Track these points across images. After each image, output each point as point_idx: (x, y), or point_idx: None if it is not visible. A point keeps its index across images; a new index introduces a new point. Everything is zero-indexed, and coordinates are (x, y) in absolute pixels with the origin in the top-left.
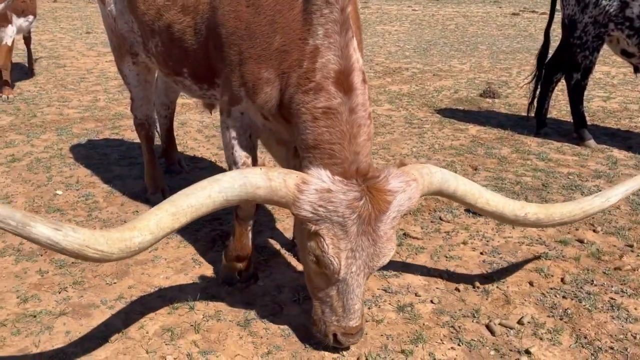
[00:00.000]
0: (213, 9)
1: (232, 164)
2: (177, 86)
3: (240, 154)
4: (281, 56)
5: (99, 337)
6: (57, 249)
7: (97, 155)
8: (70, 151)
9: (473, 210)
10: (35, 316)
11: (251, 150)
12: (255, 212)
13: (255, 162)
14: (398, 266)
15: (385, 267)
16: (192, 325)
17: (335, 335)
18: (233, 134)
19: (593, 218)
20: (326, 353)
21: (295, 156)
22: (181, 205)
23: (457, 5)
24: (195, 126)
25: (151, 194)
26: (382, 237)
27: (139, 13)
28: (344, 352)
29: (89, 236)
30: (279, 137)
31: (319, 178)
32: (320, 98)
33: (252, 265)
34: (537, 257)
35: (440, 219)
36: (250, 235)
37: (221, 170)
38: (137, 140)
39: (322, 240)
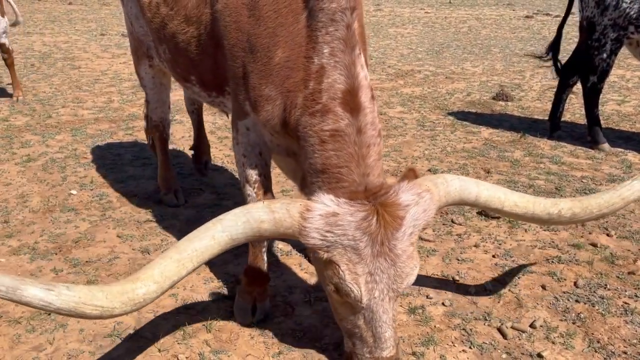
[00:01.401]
0: (215, 20)
1: (245, 182)
2: (188, 92)
3: (251, 172)
4: (284, 72)
5: (112, 335)
6: (52, 309)
7: (110, 156)
8: (84, 152)
9: (501, 215)
10: (49, 314)
11: (263, 168)
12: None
13: (268, 180)
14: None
15: None
16: (204, 325)
17: None
18: (242, 150)
19: (607, 222)
20: (337, 354)
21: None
22: (185, 250)
23: (469, 8)
24: (208, 128)
25: (164, 195)
26: (400, 255)
27: (147, 20)
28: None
29: (85, 293)
30: (289, 149)
31: (323, 202)
32: (328, 120)
33: (268, 299)
34: (550, 261)
35: (452, 221)
36: (265, 258)
37: (233, 170)
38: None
39: (337, 267)
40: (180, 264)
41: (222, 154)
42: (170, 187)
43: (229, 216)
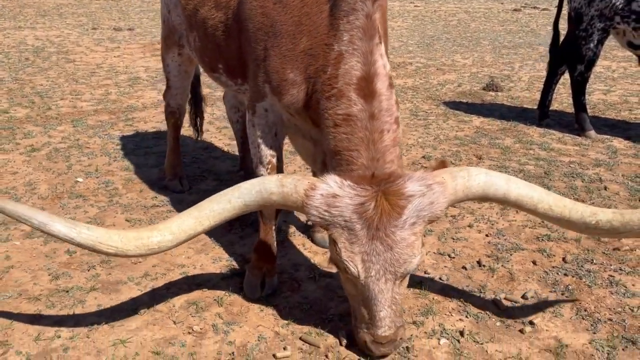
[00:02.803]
0: (241, 4)
1: (258, 163)
2: (217, 82)
3: (266, 153)
4: (307, 59)
5: (128, 309)
6: (75, 243)
7: (113, 145)
8: (87, 142)
9: (532, 215)
10: (67, 291)
11: (277, 150)
12: (277, 215)
13: (280, 161)
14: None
15: None
16: (215, 300)
17: (365, 342)
18: (258, 132)
19: (593, 202)
20: (342, 324)
21: (321, 152)
22: (204, 209)
23: (459, 2)
24: (207, 118)
25: (169, 181)
26: (399, 242)
27: (182, 7)
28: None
29: (102, 234)
30: (306, 132)
31: (327, 183)
32: (341, 105)
33: (276, 275)
34: (540, 239)
35: None
36: (274, 236)
37: (234, 158)
38: (151, 131)
39: (335, 243)
40: (198, 220)
41: (221, 143)
42: (176, 173)
43: (246, 185)
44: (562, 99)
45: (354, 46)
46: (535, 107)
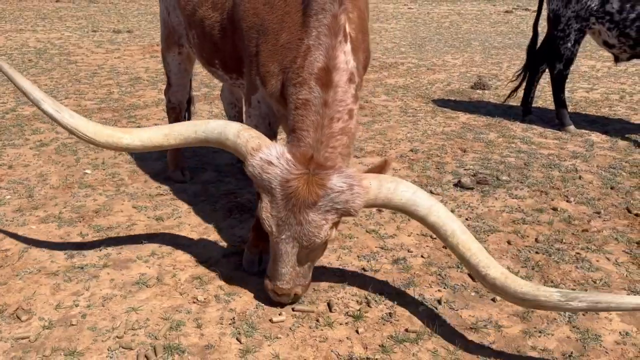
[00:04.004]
0: (236, 5)
1: None
2: (214, 76)
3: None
4: (285, 52)
5: (138, 283)
6: (59, 124)
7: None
8: None
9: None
10: (82, 268)
11: (271, 138)
12: None
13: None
14: (393, 229)
15: (382, 230)
16: (217, 274)
17: (267, 288)
18: (254, 122)
19: (567, 190)
20: (332, 294)
21: None
22: (173, 130)
23: (451, 4)
24: (205, 115)
25: (172, 172)
26: (309, 222)
27: (181, 8)
28: (348, 290)
29: (81, 124)
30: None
31: (269, 150)
32: (303, 91)
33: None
34: (515, 222)
35: (431, 192)
36: None
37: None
38: (153, 125)
39: (261, 200)
40: (165, 137)
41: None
42: (177, 165)
43: (213, 123)
44: (546, 97)
45: (320, 41)
46: (520, 104)
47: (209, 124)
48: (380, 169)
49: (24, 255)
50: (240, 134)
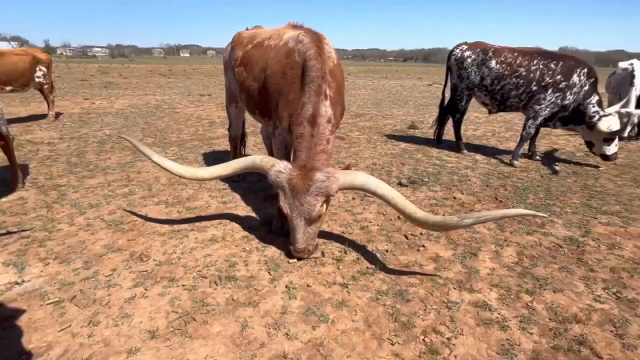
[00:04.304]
0: (266, 78)
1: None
2: (255, 120)
3: (280, 153)
4: (291, 105)
5: (211, 240)
6: (162, 168)
7: (200, 158)
8: (186, 156)
9: (388, 205)
10: (179, 231)
11: (287, 156)
12: None
13: (288, 160)
14: (361, 209)
15: (354, 210)
16: (256, 235)
17: (290, 250)
18: (277, 145)
19: (462, 185)
20: (324, 247)
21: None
22: (228, 165)
23: (397, 80)
24: (251, 142)
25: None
26: (307, 202)
27: (236, 80)
28: (334, 244)
29: (175, 165)
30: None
31: (280, 165)
32: (300, 127)
33: None
34: (432, 205)
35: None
36: None
37: None
38: (221, 149)
39: (279, 196)
40: (224, 169)
41: (256, 147)
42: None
43: (248, 158)
44: (451, 135)
45: (310, 100)
46: (435, 137)
47: (246, 159)
48: (346, 168)
49: (145, 223)
50: (262, 160)
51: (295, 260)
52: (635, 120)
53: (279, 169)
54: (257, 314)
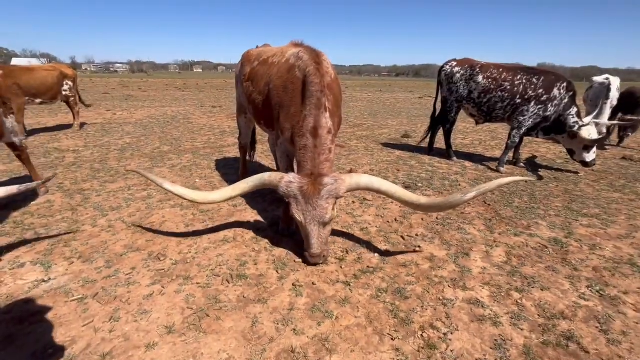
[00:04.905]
0: (269, 92)
1: (282, 169)
2: (262, 130)
3: (283, 165)
4: (293, 117)
5: (223, 240)
6: (173, 194)
7: (213, 165)
8: (200, 163)
9: (391, 199)
10: (193, 232)
11: (288, 163)
12: None
13: (292, 168)
14: (361, 212)
15: (355, 212)
16: (265, 236)
17: (306, 256)
18: (280, 154)
19: (452, 190)
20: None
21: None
22: (237, 186)
23: (391, 93)
24: (259, 150)
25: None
26: (319, 206)
27: (245, 94)
28: (337, 245)
29: (187, 191)
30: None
31: (289, 176)
32: (303, 139)
33: (295, 225)
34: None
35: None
36: None
37: (272, 168)
38: (232, 157)
39: (290, 205)
40: (233, 190)
41: (267, 162)
42: (244, 177)
43: (257, 176)
44: (442, 143)
45: (311, 113)
46: (427, 145)
47: (254, 178)
48: (350, 172)
49: (162, 224)
50: (270, 176)
51: (300, 259)
52: (604, 130)
53: (289, 179)
54: (267, 311)
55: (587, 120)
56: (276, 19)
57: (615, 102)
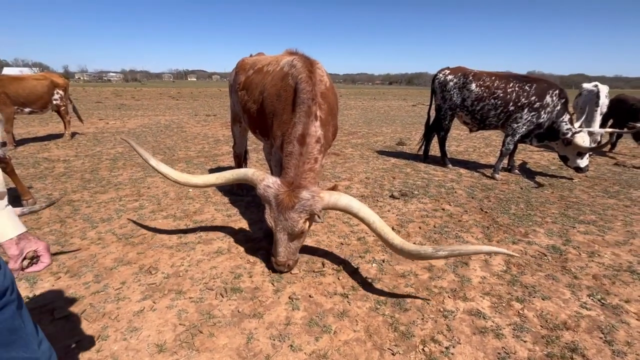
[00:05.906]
0: (263, 100)
1: (274, 173)
2: (257, 138)
3: (277, 170)
4: (284, 125)
5: (217, 252)
6: (158, 172)
7: (206, 173)
8: (193, 172)
9: (368, 228)
10: (186, 244)
11: (280, 169)
12: None
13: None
14: (356, 221)
15: (351, 222)
16: (260, 247)
17: (272, 262)
18: (273, 162)
19: (450, 197)
20: (324, 258)
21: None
22: (221, 175)
23: (385, 101)
24: (255, 159)
25: (236, 190)
26: (291, 219)
27: (239, 102)
28: (333, 255)
29: (170, 171)
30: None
31: (269, 180)
32: (290, 146)
33: None
34: (423, 217)
35: (377, 200)
36: None
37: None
38: (226, 165)
39: (265, 209)
40: (216, 178)
41: (259, 163)
42: (240, 186)
43: (240, 170)
44: (436, 150)
45: (301, 120)
46: (422, 153)
47: (239, 171)
48: (332, 189)
49: (154, 236)
50: (253, 174)
51: (296, 271)
52: (599, 138)
53: (268, 183)
54: (262, 326)
55: (577, 125)
56: (270, 28)
57: (605, 109)
